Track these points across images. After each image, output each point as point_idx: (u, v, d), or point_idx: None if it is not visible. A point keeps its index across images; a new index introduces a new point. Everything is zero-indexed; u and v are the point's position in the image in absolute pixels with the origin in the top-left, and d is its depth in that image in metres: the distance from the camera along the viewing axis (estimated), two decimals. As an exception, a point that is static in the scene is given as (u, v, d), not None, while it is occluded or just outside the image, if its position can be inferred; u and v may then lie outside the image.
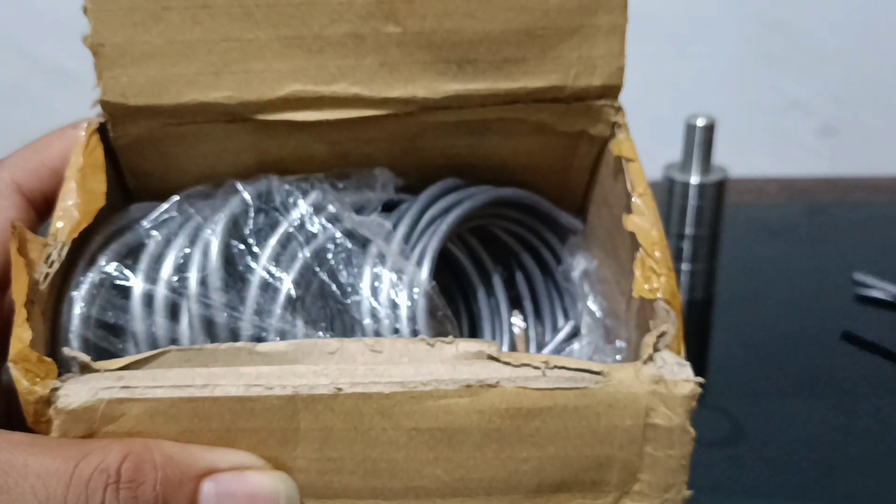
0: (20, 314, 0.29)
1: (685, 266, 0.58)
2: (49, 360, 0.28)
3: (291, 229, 0.34)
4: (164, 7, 0.32)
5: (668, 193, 0.57)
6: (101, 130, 0.34)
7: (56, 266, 0.30)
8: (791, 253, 0.71)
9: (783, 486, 0.39)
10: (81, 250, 0.33)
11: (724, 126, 0.60)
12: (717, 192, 0.57)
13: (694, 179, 0.56)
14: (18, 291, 0.29)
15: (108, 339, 0.32)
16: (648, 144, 0.58)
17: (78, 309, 0.32)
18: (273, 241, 0.33)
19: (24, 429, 0.29)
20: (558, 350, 0.39)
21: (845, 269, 0.67)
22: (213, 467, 0.29)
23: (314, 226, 0.34)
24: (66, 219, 0.31)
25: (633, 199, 0.33)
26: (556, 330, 0.41)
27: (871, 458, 0.41)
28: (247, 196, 0.34)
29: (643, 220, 0.32)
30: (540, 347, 0.41)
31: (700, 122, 0.56)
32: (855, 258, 0.70)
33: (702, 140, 0.56)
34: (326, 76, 0.33)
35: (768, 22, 0.85)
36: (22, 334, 0.29)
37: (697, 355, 0.50)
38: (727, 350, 0.51)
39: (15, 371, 0.28)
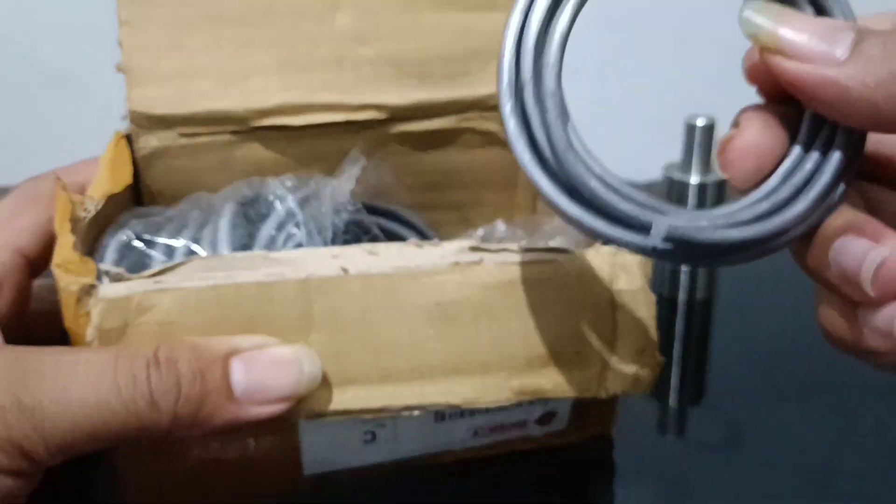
0: (64, 227, 0.33)
1: (685, 266, 0.55)
2: (90, 259, 0.32)
3: (284, 213, 0.39)
4: (182, 42, 0.40)
5: (667, 193, 0.55)
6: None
7: (93, 213, 0.35)
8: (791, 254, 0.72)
9: (782, 490, 0.39)
10: (108, 224, 0.37)
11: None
12: (717, 192, 0.55)
13: (694, 179, 0.54)
14: (62, 217, 0.33)
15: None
16: (648, 144, 0.60)
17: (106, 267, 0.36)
18: (270, 223, 0.39)
19: None
20: None
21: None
22: (237, 348, 0.32)
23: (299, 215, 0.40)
24: (98, 188, 0.37)
25: None
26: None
27: (871, 463, 0.41)
28: (249, 187, 0.40)
29: None
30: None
31: (700, 122, 0.54)
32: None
33: (702, 140, 0.54)
34: (313, 88, 0.41)
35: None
36: (65, 240, 0.32)
37: (697, 357, 0.51)
38: (726, 353, 0.50)
39: (58, 271, 0.31)
